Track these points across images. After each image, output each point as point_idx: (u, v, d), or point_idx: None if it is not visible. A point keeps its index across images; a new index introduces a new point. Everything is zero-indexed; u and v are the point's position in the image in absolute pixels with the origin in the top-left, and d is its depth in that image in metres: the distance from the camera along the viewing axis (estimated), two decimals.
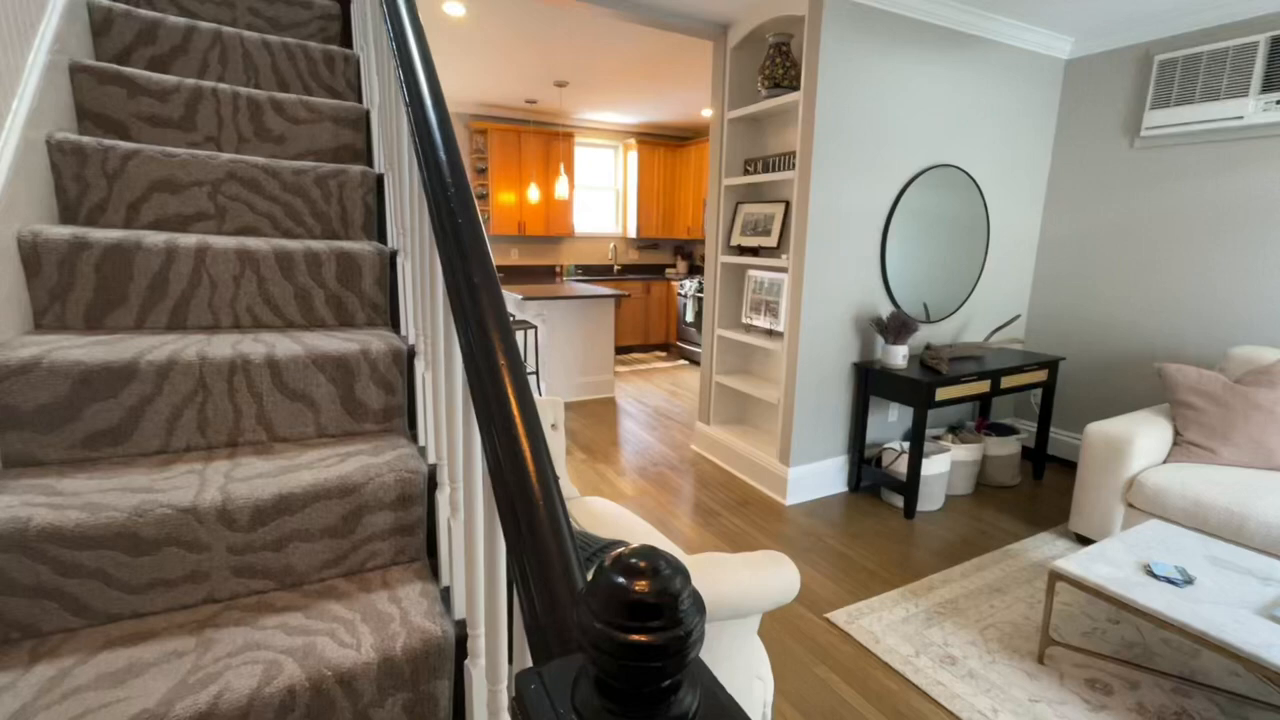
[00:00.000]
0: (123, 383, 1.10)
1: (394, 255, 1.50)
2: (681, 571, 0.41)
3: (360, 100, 1.98)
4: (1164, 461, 2.56)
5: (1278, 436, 2.38)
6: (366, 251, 1.47)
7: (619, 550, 0.42)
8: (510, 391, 0.68)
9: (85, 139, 1.37)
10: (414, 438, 1.34)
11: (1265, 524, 2.09)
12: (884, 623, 2.15)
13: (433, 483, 1.19)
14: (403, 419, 1.36)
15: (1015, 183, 3.52)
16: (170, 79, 1.58)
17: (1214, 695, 1.81)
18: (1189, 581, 1.77)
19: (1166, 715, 1.74)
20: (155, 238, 1.28)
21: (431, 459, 1.20)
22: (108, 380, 1.09)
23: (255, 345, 1.24)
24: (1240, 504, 2.16)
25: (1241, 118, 2.82)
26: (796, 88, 2.95)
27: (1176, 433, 2.60)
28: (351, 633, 0.99)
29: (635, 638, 0.38)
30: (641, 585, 0.40)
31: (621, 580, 0.40)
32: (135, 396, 1.12)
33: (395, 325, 1.54)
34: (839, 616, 2.18)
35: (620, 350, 6.84)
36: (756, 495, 3.18)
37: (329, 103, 1.74)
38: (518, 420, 0.66)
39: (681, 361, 6.60)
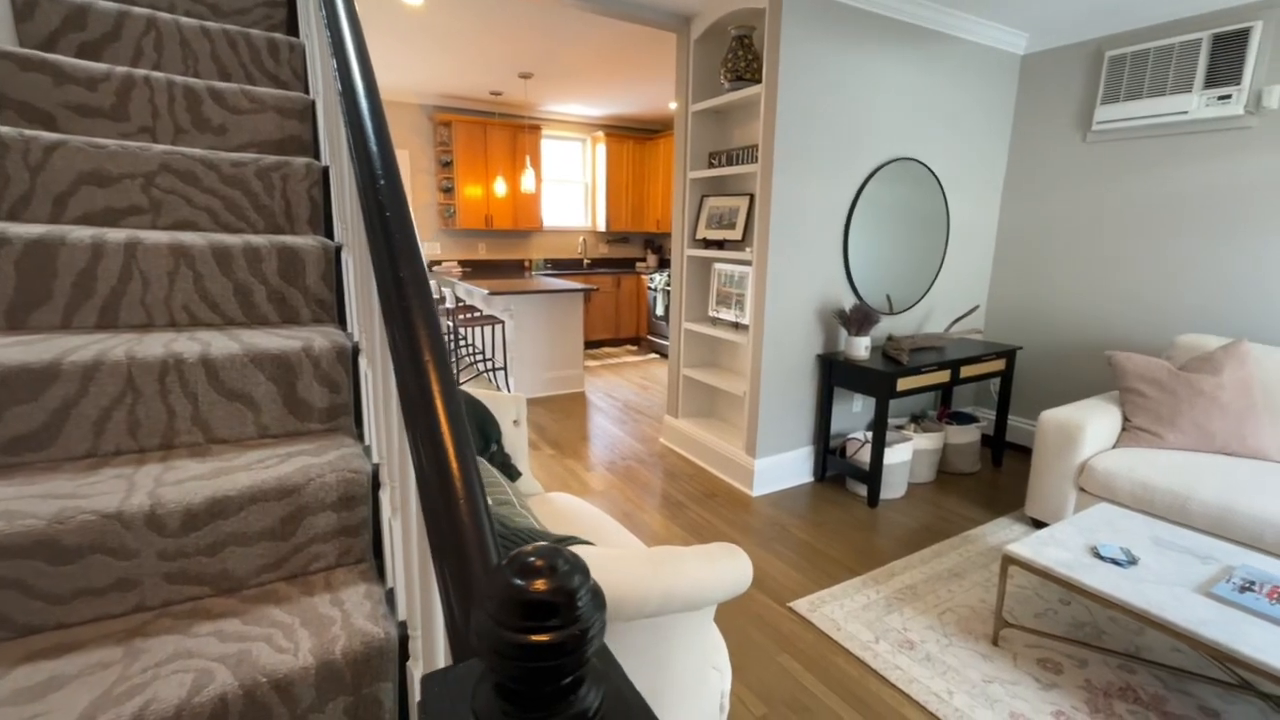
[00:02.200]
0: (44, 384, 1.06)
1: (339, 250, 1.46)
2: (580, 569, 0.41)
3: (307, 91, 1.92)
4: (1114, 447, 2.64)
5: (1219, 421, 2.47)
6: (310, 246, 1.43)
7: (517, 550, 0.41)
8: (435, 388, 0.67)
9: (4, 129, 1.30)
10: (361, 436, 1.31)
11: (1205, 504, 2.16)
12: (845, 610, 2.18)
13: (377, 482, 1.16)
14: (349, 418, 1.33)
15: (974, 176, 3.58)
16: (100, 66, 1.51)
17: (1157, 671, 1.88)
18: (1133, 562, 1.83)
19: (1112, 691, 1.80)
20: (81, 233, 1.22)
21: (376, 458, 1.17)
22: (27, 382, 1.04)
23: (189, 344, 1.19)
24: (1184, 486, 2.24)
25: (1186, 112, 2.91)
26: (759, 80, 2.95)
27: (1125, 419, 2.68)
28: (290, 637, 0.96)
29: (530, 638, 0.38)
30: (538, 584, 0.39)
31: (518, 581, 0.39)
32: (58, 399, 1.07)
33: (343, 322, 1.50)
34: (802, 605, 2.20)
35: (591, 344, 6.81)
36: (723, 487, 3.20)
37: (272, 92, 1.68)
38: (442, 419, 0.65)
39: (652, 355, 6.61)
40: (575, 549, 1.18)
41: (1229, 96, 2.78)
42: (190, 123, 1.60)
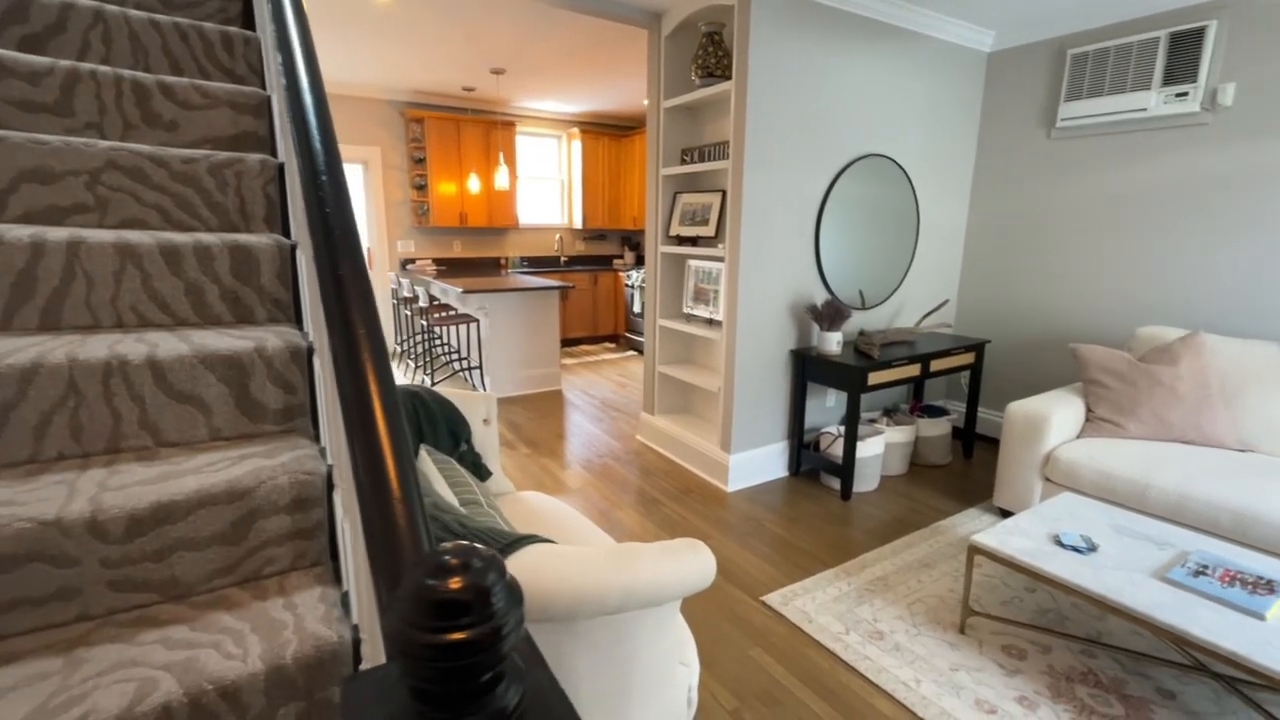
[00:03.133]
0: None
1: (295, 249, 1.44)
2: (495, 566, 0.40)
3: (264, 86, 1.88)
4: (1077, 437, 2.70)
5: (1176, 410, 2.53)
6: (265, 245, 1.40)
7: (430, 550, 0.40)
8: (373, 389, 0.66)
9: None
10: (318, 438, 1.28)
11: (1164, 491, 2.22)
12: (817, 602, 2.20)
13: (333, 484, 1.14)
14: (306, 419, 1.31)
15: (943, 172, 3.63)
16: (43, 60, 1.46)
17: (1118, 655, 1.93)
18: (1093, 549, 1.87)
19: (1074, 675, 1.84)
20: (19, 231, 1.18)
21: (330, 459, 1.15)
22: None
23: (136, 345, 1.16)
24: (1143, 474, 2.29)
25: (1145, 110, 2.97)
26: (729, 77, 2.96)
27: (1088, 409, 2.74)
28: (239, 643, 0.94)
29: (440, 638, 0.37)
30: (450, 583, 0.38)
31: (430, 581, 0.39)
32: None
33: (301, 322, 1.47)
34: (774, 599, 2.22)
35: (569, 342, 6.79)
36: (699, 483, 3.21)
37: (225, 87, 1.64)
38: (379, 419, 0.64)
39: (630, 352, 6.60)
40: (536, 548, 1.18)
41: (1186, 94, 2.84)
42: (140, 118, 1.56)
